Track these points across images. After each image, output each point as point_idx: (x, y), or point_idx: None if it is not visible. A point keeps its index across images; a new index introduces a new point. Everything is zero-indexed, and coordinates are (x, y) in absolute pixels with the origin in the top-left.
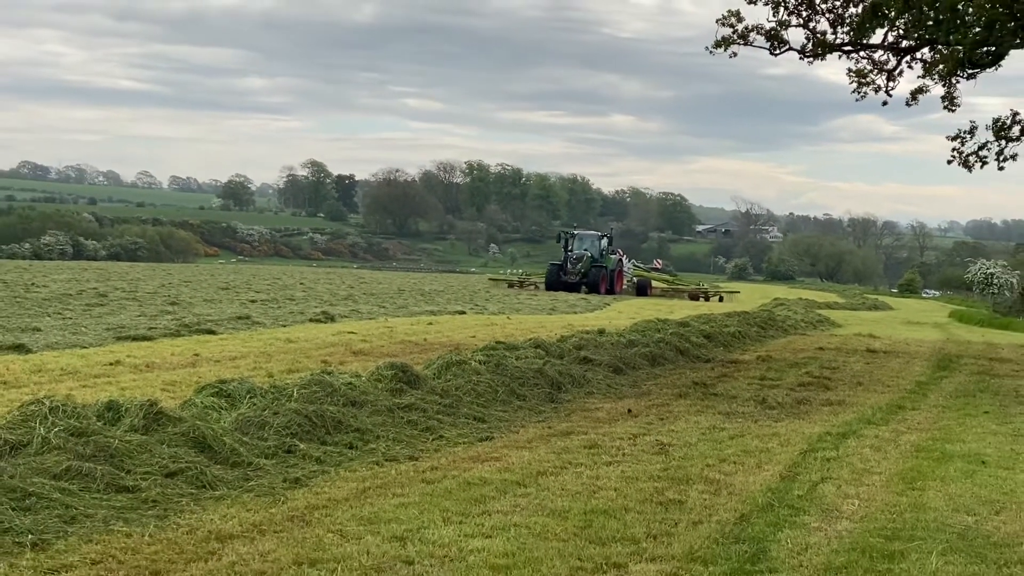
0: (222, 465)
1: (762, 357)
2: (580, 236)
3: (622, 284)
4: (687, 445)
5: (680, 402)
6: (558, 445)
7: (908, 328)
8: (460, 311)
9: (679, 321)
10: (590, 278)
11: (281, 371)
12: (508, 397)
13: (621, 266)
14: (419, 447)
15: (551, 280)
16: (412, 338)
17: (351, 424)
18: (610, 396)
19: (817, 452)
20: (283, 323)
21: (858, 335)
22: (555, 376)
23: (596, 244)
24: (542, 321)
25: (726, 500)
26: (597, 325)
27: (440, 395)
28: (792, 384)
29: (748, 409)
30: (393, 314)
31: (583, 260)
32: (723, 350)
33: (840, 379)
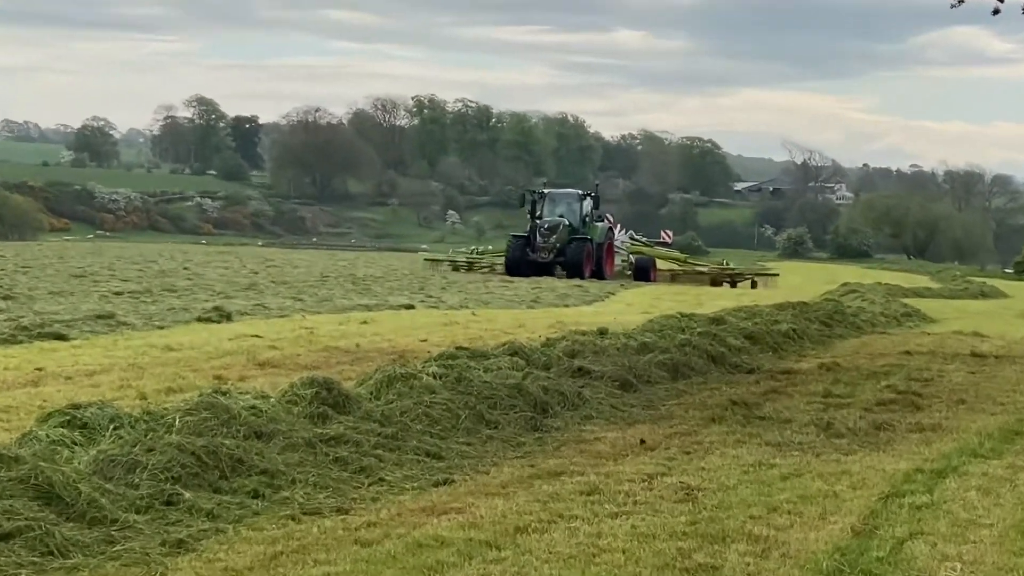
0: (76, 523)
1: (826, 365)
2: (553, 197)
3: (613, 265)
4: (723, 489)
5: (713, 429)
6: (544, 490)
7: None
8: (407, 305)
9: (711, 316)
10: (569, 256)
11: (158, 391)
12: (474, 424)
13: (611, 238)
14: (350, 495)
15: (514, 260)
16: (340, 343)
17: (256, 464)
18: (616, 421)
19: (903, 497)
20: (160, 324)
21: (959, 334)
22: (539, 395)
23: (576, 208)
24: (521, 318)
25: (777, 565)
26: (597, 323)
27: (379, 422)
28: (868, 402)
29: (807, 438)
30: (313, 309)
31: (558, 231)
32: (772, 356)
33: (935, 395)
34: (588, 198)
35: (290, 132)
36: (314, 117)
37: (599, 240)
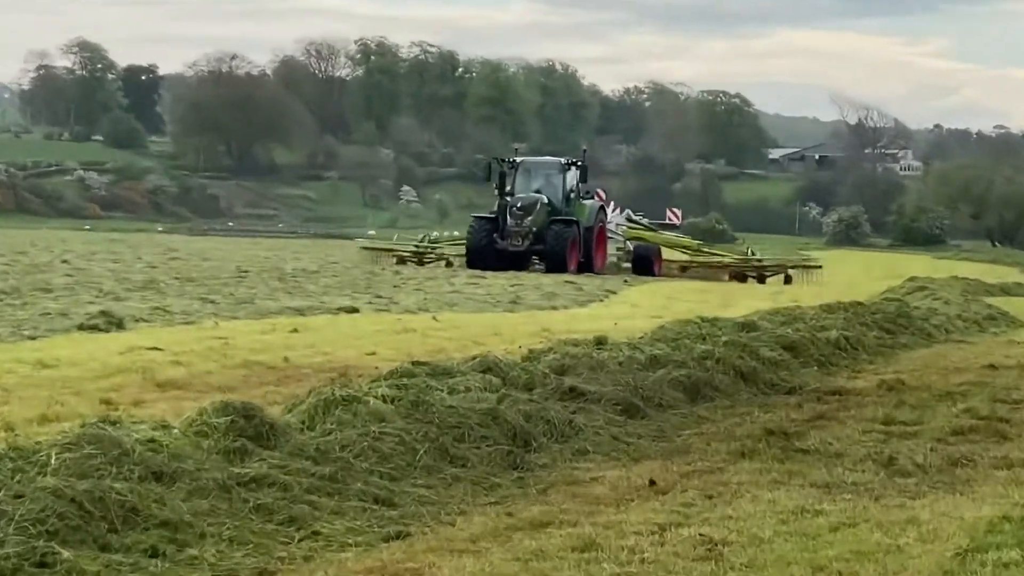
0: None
1: (888, 383)
2: (528, 167)
3: (605, 255)
4: (755, 543)
5: (742, 466)
6: (526, 546)
7: None
8: (350, 307)
9: (740, 321)
10: (549, 244)
11: (28, 420)
12: (437, 461)
13: (603, 220)
14: (276, 552)
15: (477, 249)
16: (263, 357)
17: (155, 513)
18: (617, 457)
19: (987, 552)
20: (31, 334)
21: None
22: (519, 422)
23: (557, 181)
24: (496, 324)
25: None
26: (594, 330)
27: (314, 459)
28: (942, 431)
29: (863, 477)
30: (229, 314)
31: (535, 211)
32: (819, 372)
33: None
34: (573, 168)
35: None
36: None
37: (587, 223)
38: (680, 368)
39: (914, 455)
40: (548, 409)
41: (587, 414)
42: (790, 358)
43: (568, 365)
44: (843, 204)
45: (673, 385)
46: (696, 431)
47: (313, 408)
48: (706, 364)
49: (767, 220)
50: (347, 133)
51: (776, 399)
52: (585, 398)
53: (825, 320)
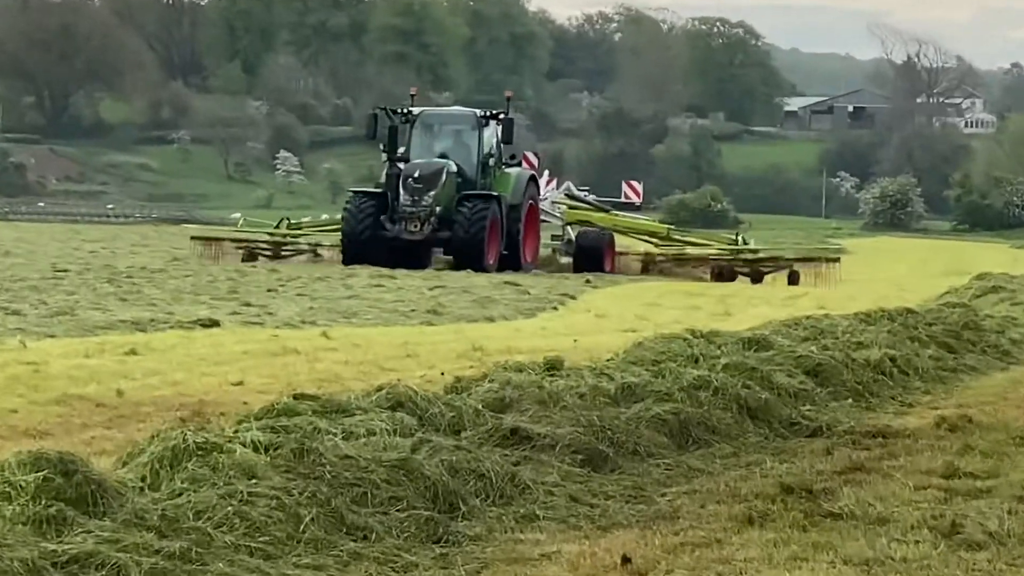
0: None
1: (949, 421)
2: (429, 121)
3: (538, 244)
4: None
5: (751, 536)
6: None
7: None
8: (208, 320)
9: (746, 336)
10: (459, 230)
11: None
12: (328, 533)
13: (535, 196)
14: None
15: (357, 235)
16: (88, 390)
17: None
18: (578, 525)
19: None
20: None
21: None
22: (442, 479)
23: (471, 140)
24: (410, 341)
25: None
26: (544, 350)
27: (160, 530)
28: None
29: (918, 550)
30: (42, 330)
31: (440, 183)
32: (854, 406)
33: None
34: (493, 123)
35: None
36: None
37: (513, 199)
38: (664, 402)
39: (986, 520)
40: (482, 459)
41: (536, 466)
42: (815, 387)
43: (510, 399)
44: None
45: (654, 425)
46: (686, 488)
47: (157, 460)
48: (699, 396)
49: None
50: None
51: (796, 444)
52: (533, 444)
53: (863, 334)
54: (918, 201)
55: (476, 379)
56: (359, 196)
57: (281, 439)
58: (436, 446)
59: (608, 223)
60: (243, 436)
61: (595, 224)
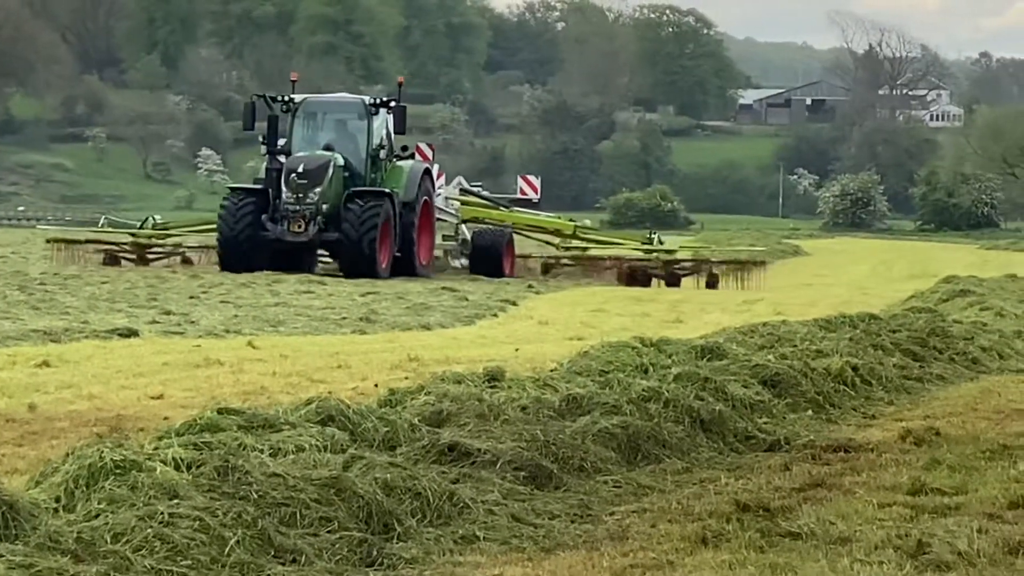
0: None
1: (914, 434)
2: (313, 109)
3: (432, 243)
4: None
5: (704, 557)
6: None
7: None
8: (126, 330)
9: (699, 344)
10: (349, 228)
11: None
12: (255, 556)
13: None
14: None
15: (233, 238)
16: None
17: None
18: (520, 546)
19: None
20: None
21: None
22: (376, 497)
23: (359, 131)
24: (341, 351)
25: None
26: (484, 359)
27: (75, 554)
28: (994, 504)
29: (883, 572)
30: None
31: (326, 179)
32: (814, 417)
33: None
34: (383, 111)
35: None
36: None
37: (406, 196)
38: (612, 415)
39: (955, 540)
40: (419, 477)
41: (476, 483)
42: (772, 398)
43: (448, 412)
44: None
45: (601, 439)
46: (636, 507)
47: (72, 479)
48: (649, 408)
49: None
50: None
51: (752, 458)
52: (473, 460)
53: (823, 342)
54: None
55: (412, 391)
56: (237, 193)
57: (204, 456)
58: (369, 463)
59: (496, 221)
60: (164, 453)
61: (491, 221)
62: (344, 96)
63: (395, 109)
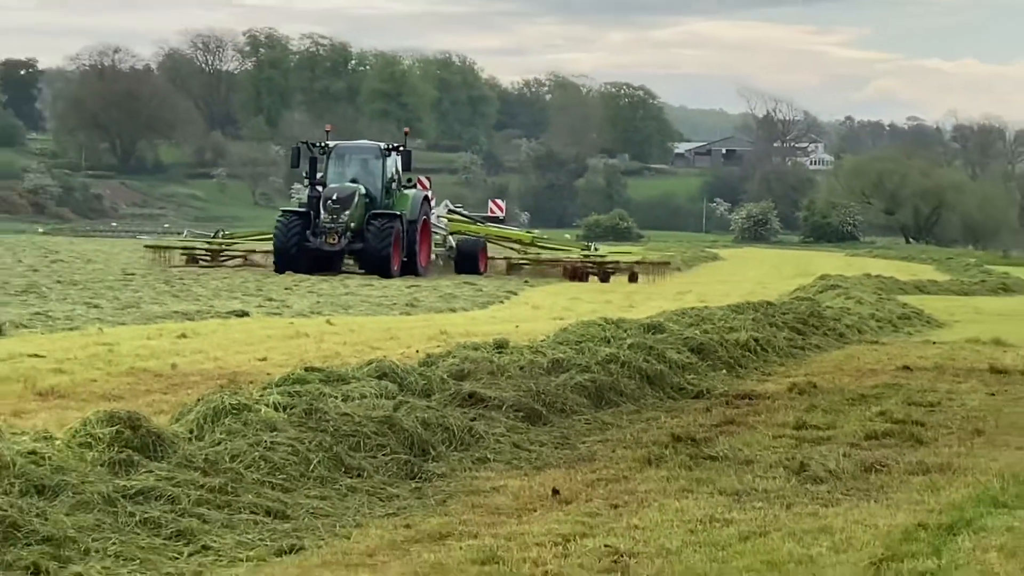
0: None
1: (799, 387)
2: (342, 152)
3: (429, 250)
4: (663, 554)
5: (649, 474)
6: (425, 560)
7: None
8: (240, 311)
9: (645, 323)
10: (370, 241)
11: None
12: (331, 471)
13: (428, 212)
14: (165, 568)
15: (285, 248)
16: (150, 364)
17: (36, 529)
18: (519, 465)
19: (902, 562)
20: None
21: (974, 342)
22: (417, 430)
23: (376, 168)
24: (392, 327)
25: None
26: (494, 333)
27: (203, 470)
28: (854, 436)
29: (775, 484)
30: (115, 319)
31: (352, 204)
32: (728, 375)
33: (942, 424)
34: (394, 154)
35: (80, 81)
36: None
37: (411, 216)
38: (584, 372)
39: (826, 461)
40: (447, 416)
41: (487, 421)
42: (698, 361)
43: (467, 370)
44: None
45: (577, 390)
46: (601, 438)
47: (202, 417)
48: (610, 368)
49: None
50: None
51: (684, 404)
52: (485, 404)
53: (734, 321)
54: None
55: (442, 355)
56: (287, 215)
57: (295, 401)
58: (412, 406)
59: (476, 233)
60: (266, 399)
61: (466, 231)
62: (365, 142)
63: (403, 152)
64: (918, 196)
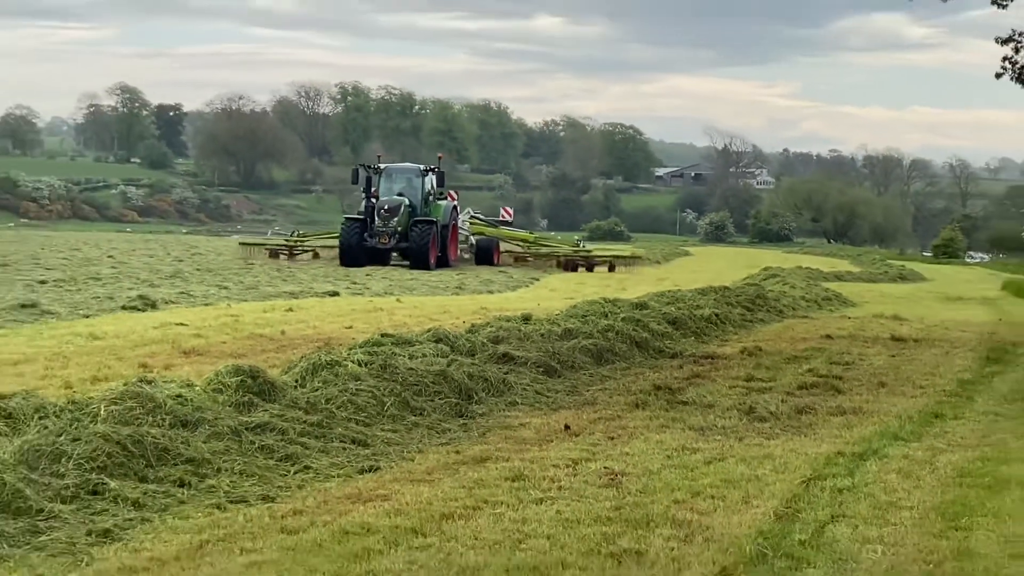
0: (1, 514)
1: (748, 350)
2: (391, 172)
3: (457, 248)
4: (647, 474)
5: (637, 414)
6: (469, 477)
7: (947, 306)
8: (332, 292)
9: (634, 302)
10: (413, 241)
11: (83, 380)
12: (400, 411)
13: (456, 218)
14: (276, 483)
15: (349, 246)
16: (265, 331)
17: (182, 453)
18: (540, 407)
19: (825, 480)
20: (85, 312)
21: (879, 317)
22: (464, 381)
23: (417, 184)
24: (445, 304)
25: (701, 550)
26: (521, 309)
27: (305, 410)
28: (790, 387)
29: (730, 422)
30: (239, 297)
31: (399, 212)
32: (695, 341)
33: (855, 378)
34: (431, 173)
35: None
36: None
37: (443, 221)
38: (588, 338)
39: (768, 405)
40: (486, 370)
41: (516, 374)
42: (673, 330)
43: (501, 336)
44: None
45: (583, 351)
46: (600, 387)
47: (304, 370)
48: (608, 335)
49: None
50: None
51: (662, 362)
52: (515, 362)
53: (699, 301)
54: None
55: (483, 325)
56: (349, 220)
57: (373, 359)
58: (460, 363)
59: (492, 234)
60: (352, 357)
61: (485, 233)
62: (408, 165)
63: (437, 173)
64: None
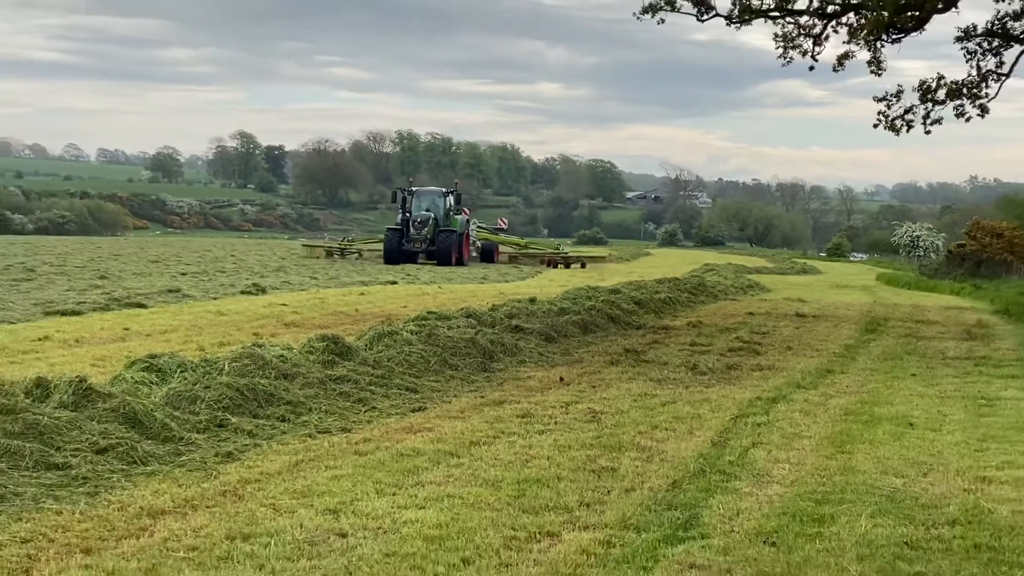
0: (153, 440)
1: (692, 323)
2: (420, 194)
3: (470, 250)
4: (619, 412)
5: (612, 369)
6: (491, 415)
7: (836, 292)
8: (392, 281)
9: (610, 288)
10: (439, 246)
11: (212, 344)
12: (440, 367)
13: (468, 228)
14: (351, 419)
15: (391, 250)
16: (344, 309)
17: (283, 397)
18: (542, 364)
19: (748, 417)
20: (214, 296)
21: (787, 299)
22: (487, 345)
23: (440, 203)
24: (474, 291)
25: (658, 467)
26: (528, 293)
27: (372, 366)
28: (722, 349)
29: (679, 375)
30: (324, 285)
31: (428, 224)
32: (654, 316)
33: (770, 344)
34: (450, 195)
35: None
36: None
37: (460, 231)
38: (577, 315)
39: (707, 363)
40: (503, 338)
41: (525, 341)
42: (638, 309)
43: (515, 313)
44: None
45: (573, 324)
46: (586, 350)
47: (371, 337)
48: (591, 312)
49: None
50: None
51: (630, 332)
52: (524, 332)
53: (658, 287)
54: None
55: (500, 305)
56: (391, 230)
57: (422, 329)
58: (484, 332)
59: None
60: (406, 328)
61: (488, 239)
62: (433, 188)
63: (455, 194)
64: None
